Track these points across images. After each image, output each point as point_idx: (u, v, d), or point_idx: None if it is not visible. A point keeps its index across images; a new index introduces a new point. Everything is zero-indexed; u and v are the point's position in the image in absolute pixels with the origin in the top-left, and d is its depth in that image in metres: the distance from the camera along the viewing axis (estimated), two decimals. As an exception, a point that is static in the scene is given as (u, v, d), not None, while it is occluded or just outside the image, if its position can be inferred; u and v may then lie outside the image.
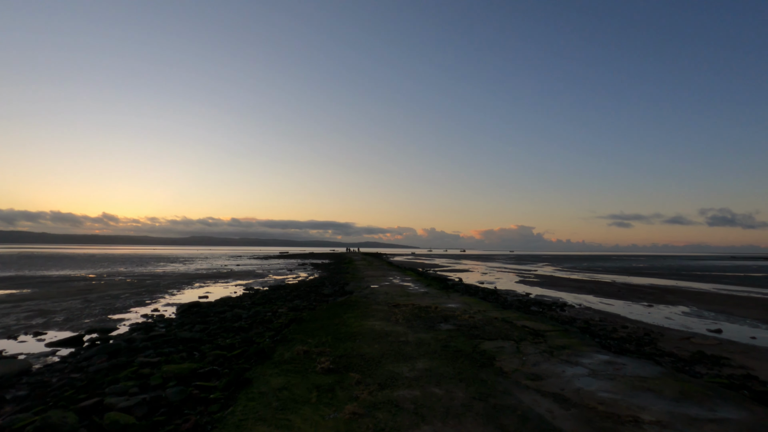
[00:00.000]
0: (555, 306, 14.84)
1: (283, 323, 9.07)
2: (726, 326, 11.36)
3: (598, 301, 16.85)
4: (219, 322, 9.99)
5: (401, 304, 11.64)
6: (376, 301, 12.64)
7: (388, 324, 8.61)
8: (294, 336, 7.55)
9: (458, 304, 12.08)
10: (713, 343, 8.99)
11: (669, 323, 11.79)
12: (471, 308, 11.21)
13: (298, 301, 14.06)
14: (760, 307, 15.45)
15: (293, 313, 10.71)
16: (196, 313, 11.86)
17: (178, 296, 17.25)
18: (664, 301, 16.95)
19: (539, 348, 6.67)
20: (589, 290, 21.44)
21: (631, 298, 18.16)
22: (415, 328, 8.14)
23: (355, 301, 12.48)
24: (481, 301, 13.34)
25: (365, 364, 5.62)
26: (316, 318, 9.57)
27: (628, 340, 8.87)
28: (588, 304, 15.82)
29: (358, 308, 11.05)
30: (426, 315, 9.79)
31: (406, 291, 15.89)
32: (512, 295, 18.39)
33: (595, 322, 11.50)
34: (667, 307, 15.22)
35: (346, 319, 9.32)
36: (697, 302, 16.73)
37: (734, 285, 26.56)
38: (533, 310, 13.74)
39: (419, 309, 10.76)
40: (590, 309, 14.55)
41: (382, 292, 15.53)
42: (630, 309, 14.74)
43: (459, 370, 5.41)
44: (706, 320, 12.39)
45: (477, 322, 8.84)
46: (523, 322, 9.12)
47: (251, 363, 5.85)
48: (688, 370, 6.56)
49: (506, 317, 9.67)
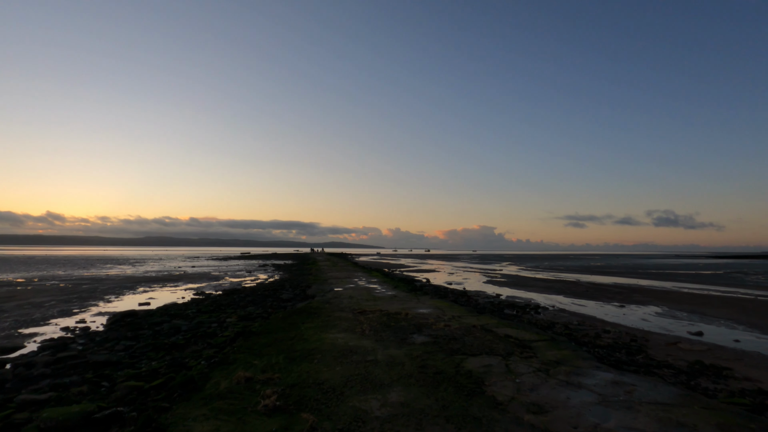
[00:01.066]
0: (529, 308, 14.13)
1: (229, 337, 7.64)
2: (704, 328, 10.95)
3: (570, 302, 16.35)
4: (151, 337, 8.39)
5: (368, 311, 10.43)
6: (339, 306, 11.37)
7: (353, 337, 7.38)
8: (238, 356, 6.18)
9: (430, 309, 11.03)
10: (702, 348, 8.39)
11: (648, 326, 11.26)
12: (444, 314, 10.18)
13: (252, 307, 12.54)
14: (725, 305, 15.44)
15: (243, 324, 9.25)
16: (128, 325, 10.12)
17: (115, 303, 15.21)
18: (634, 301, 16.71)
19: (531, 365, 5.66)
20: (557, 290, 21.10)
21: (600, 298, 17.85)
22: (385, 342, 6.96)
23: (317, 308, 11.16)
24: (453, 304, 12.37)
25: (323, 398, 4.37)
26: (269, 330, 8.19)
27: (617, 348, 8.11)
28: (561, 306, 15.25)
29: (319, 316, 9.74)
30: (396, 323, 8.64)
31: (373, 294, 14.71)
32: (483, 297, 17.63)
33: (575, 326, 10.78)
34: (639, 308, 14.89)
35: (304, 330, 8.00)
36: (665, 301, 16.60)
37: (691, 283, 27.27)
38: (508, 313, 12.93)
39: (388, 316, 9.60)
40: (565, 311, 13.94)
41: (347, 295, 14.26)
42: (604, 310, 14.27)
43: (443, 402, 4.27)
44: (682, 321, 12.00)
45: (455, 332, 7.78)
46: (504, 330, 8.16)
47: (174, 399, 4.47)
48: (696, 385, 5.76)
49: (485, 324, 8.69)
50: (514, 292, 20.12)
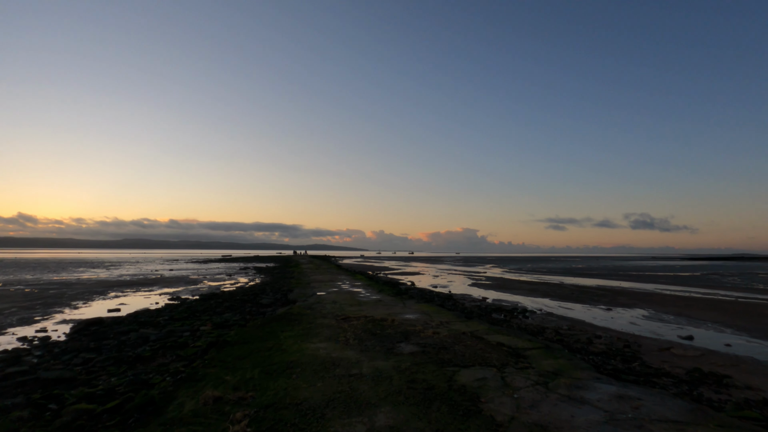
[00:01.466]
0: (516, 312, 13.83)
1: (200, 348, 7.03)
2: (693, 332, 10.82)
3: (557, 305, 16.15)
4: (116, 348, 7.71)
5: (351, 317, 9.92)
6: (322, 312, 10.82)
7: (335, 347, 6.87)
8: (208, 370, 5.60)
9: (417, 314, 10.59)
10: (695, 354, 8.16)
11: (638, 330, 11.07)
12: (432, 319, 9.76)
13: (230, 314, 11.88)
14: (710, 308, 15.46)
15: (217, 332, 8.62)
16: (92, 334, 9.37)
17: (82, 310, 14.30)
18: (620, 304, 16.62)
19: (529, 377, 5.26)
20: (543, 293, 20.96)
21: (586, 301, 17.73)
22: (371, 352, 6.47)
23: (298, 314, 10.59)
24: (440, 309, 11.96)
25: (302, 422, 3.86)
26: (245, 339, 7.61)
27: (611, 354, 7.81)
28: (548, 309, 15.02)
29: (300, 323, 9.18)
30: (382, 331, 8.16)
31: (357, 298, 14.20)
32: (470, 301, 17.30)
33: (565, 331, 10.49)
34: (626, 311, 14.77)
35: (283, 340, 7.45)
36: (651, 304, 16.56)
37: (672, 285, 27.59)
38: (496, 318, 12.60)
39: (373, 322, 9.11)
40: (553, 315, 13.69)
41: (330, 300, 13.72)
42: (591, 313, 14.08)
43: (437, 425, 3.80)
44: (670, 325, 11.87)
45: (444, 340, 7.35)
46: (495, 337, 7.77)
47: (129, 425, 3.90)
48: (699, 396, 5.46)
49: (475, 331, 8.30)
50: (500, 295, 19.87)
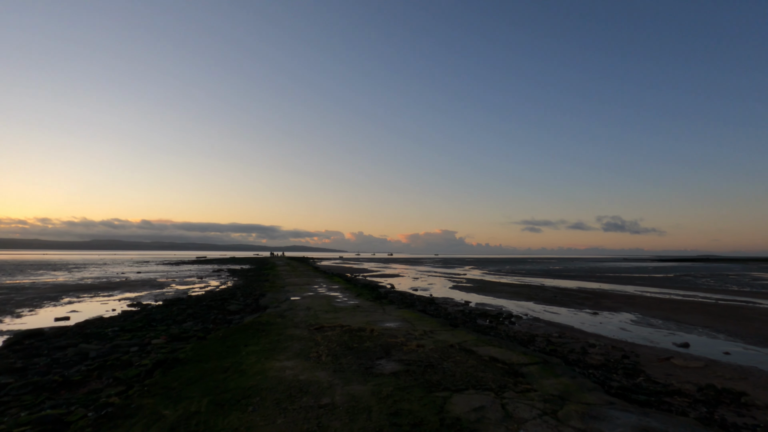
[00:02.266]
0: (502, 317, 13.14)
1: (145, 369, 5.94)
2: (687, 338, 10.34)
3: (542, 310, 15.59)
4: (45, 369, 6.52)
5: (326, 326, 8.96)
6: (294, 321, 9.82)
7: (305, 365, 5.91)
8: (145, 400, 4.57)
9: (398, 322, 9.72)
10: (698, 365, 7.57)
11: (630, 336, 10.51)
12: (415, 328, 8.90)
13: (191, 322, 10.72)
14: (694, 311, 15.19)
15: (171, 347, 7.51)
16: (24, 350, 8.09)
17: (26, 319, 12.82)
18: (605, 307, 16.20)
19: (533, 404, 4.45)
20: (526, 296, 20.45)
21: (571, 304, 17.26)
22: (346, 372, 5.54)
23: (267, 322, 9.55)
24: (422, 315, 11.14)
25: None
26: (201, 356, 6.56)
27: (612, 368, 7.12)
28: (534, 314, 14.41)
29: (267, 334, 8.16)
30: (360, 344, 7.23)
31: (333, 304, 13.22)
32: (452, 305, 16.56)
33: (556, 339, 9.82)
34: (613, 315, 14.31)
35: (244, 357, 6.43)
36: (635, 307, 16.20)
37: (650, 287, 27.68)
38: (481, 324, 11.86)
39: (350, 333, 8.17)
40: (539, 320, 13.07)
41: (304, 306, 12.70)
42: (578, 318, 13.54)
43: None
44: (661, 330, 11.38)
45: (430, 355, 6.48)
46: (486, 349, 6.97)
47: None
48: (722, 421, 4.76)
49: (463, 342, 7.48)
50: (483, 299, 19.23)
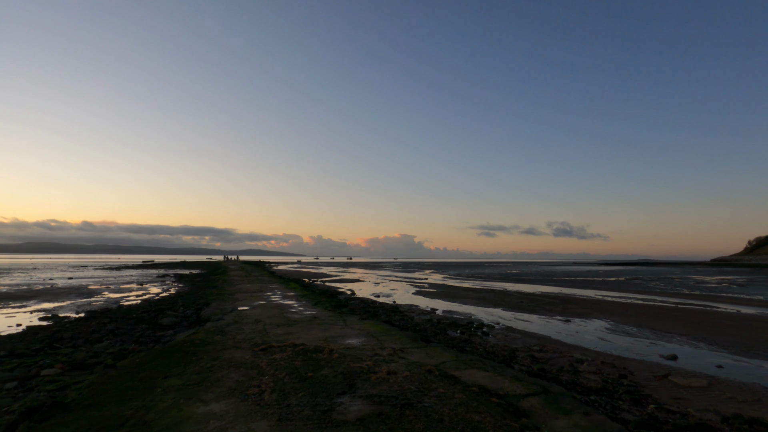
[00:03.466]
0: (473, 327, 12.06)
1: (5, 424, 4.17)
2: (670, 348, 9.68)
3: (513, 317, 14.72)
4: None
5: (275, 346, 7.38)
6: (236, 338, 8.15)
7: (240, 410, 4.35)
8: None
9: (362, 338, 8.31)
10: (701, 384, 6.73)
11: (613, 348, 9.71)
12: (382, 345, 7.53)
13: (108, 341, 8.74)
14: (661, 316, 14.88)
15: (63, 381, 5.66)
16: None
17: None
18: (574, 313, 15.60)
19: (557, 468, 3.20)
20: (492, 302, 19.66)
21: (539, 310, 16.57)
22: (296, 421, 4.04)
23: (203, 342, 7.82)
24: (388, 328, 9.79)
25: None
26: (97, 397, 4.83)
27: (613, 391, 6.09)
28: (505, 322, 13.48)
29: (199, 360, 6.48)
30: (316, 372, 5.75)
31: (287, 315, 11.60)
32: (418, 313, 15.35)
33: (539, 353, 8.79)
34: (585, 322, 13.66)
35: (158, 397, 4.78)
36: (604, 313, 15.73)
37: (608, 290, 27.92)
38: (453, 336, 10.71)
39: (304, 356, 6.65)
40: (513, 330, 12.11)
41: (253, 318, 11.00)
42: (552, 326, 12.73)
43: None
44: (641, 340, 10.71)
45: (406, 387, 5.11)
46: (471, 374, 5.71)
47: None
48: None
49: (441, 365, 6.20)
50: (449, 306, 18.20)
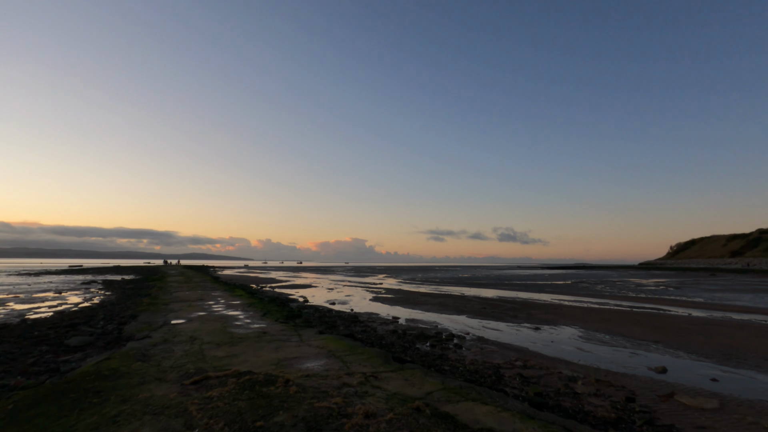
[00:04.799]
0: (444, 339, 10.95)
1: None
2: (654, 358, 9.10)
3: (480, 326, 13.82)
4: None
5: (212, 376, 5.75)
6: (161, 366, 6.40)
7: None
8: None
9: (323, 360, 6.87)
10: (713, 406, 5.98)
11: (596, 360, 8.95)
12: (350, 369, 6.15)
13: (-17, 375, 6.63)
14: (626, 321, 14.66)
15: None
16: None
17: None
18: (540, 320, 15.03)
19: None
20: (454, 308, 18.79)
21: (504, 317, 15.86)
22: None
23: (114, 373, 6.01)
24: (352, 344, 8.42)
25: None
26: None
27: (631, 423, 5.13)
28: (475, 332, 12.52)
29: (102, 403, 4.74)
30: (267, 420, 4.23)
31: (231, 330, 9.85)
32: (380, 322, 14.05)
33: (523, 369, 7.79)
34: (555, 329, 13.03)
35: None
36: (569, 319, 15.30)
37: (561, 294, 28.21)
38: (424, 350, 9.51)
39: (252, 391, 5.11)
40: (486, 341, 11.14)
41: (188, 334, 9.16)
42: (524, 336, 11.92)
43: None
44: (620, 349, 10.12)
45: (392, 439, 3.79)
46: (467, 408, 4.50)
47: None
48: None
49: (428, 396, 4.94)
50: (411, 313, 17.06)
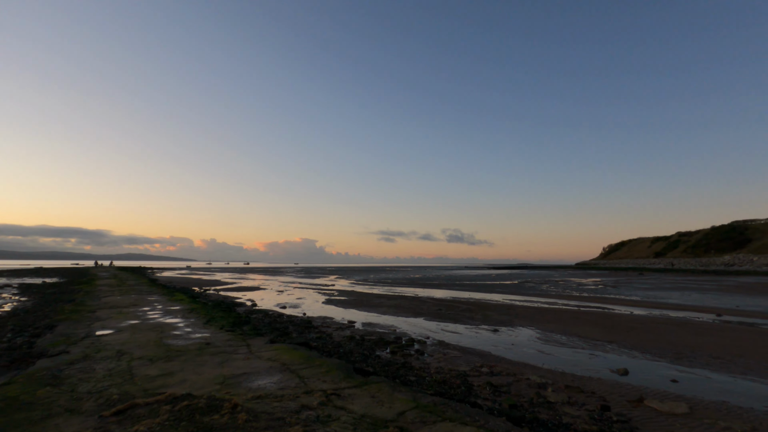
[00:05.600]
0: (404, 345, 10.42)
1: None
2: (611, 359, 9.14)
3: (439, 328, 13.49)
4: None
5: (141, 403, 4.78)
6: (76, 392, 5.29)
7: None
8: None
9: (276, 375, 6.06)
10: (683, 411, 5.88)
11: (558, 363, 8.82)
12: (308, 388, 5.40)
13: None
14: (578, 322, 14.99)
15: None
16: None
17: None
18: (497, 321, 15.00)
19: None
20: (410, 310, 18.42)
21: (461, 319, 15.68)
22: None
23: (10, 404, 4.84)
24: (308, 354, 7.65)
25: None
26: None
27: (611, 435, 4.84)
28: (435, 335, 12.14)
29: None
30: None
31: (167, 342, 8.69)
32: (335, 327, 13.28)
33: (490, 376, 7.42)
34: (512, 331, 12.97)
35: None
36: (524, 320, 15.41)
37: (511, 294, 28.87)
38: (384, 357, 8.92)
39: (190, 422, 4.20)
40: (447, 345, 10.77)
41: (114, 349, 7.91)
42: (485, 339, 11.71)
43: None
44: (578, 351, 10.13)
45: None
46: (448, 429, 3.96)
47: None
48: None
49: (403, 420, 4.33)
50: (367, 316, 16.44)
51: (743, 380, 7.58)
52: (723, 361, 8.95)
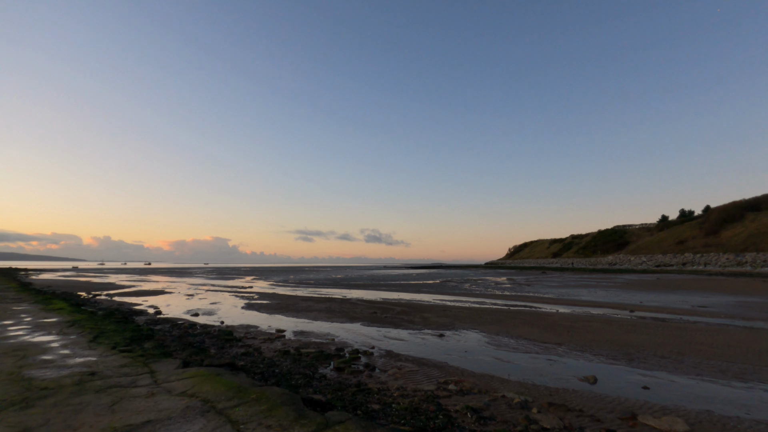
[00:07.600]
0: (346, 357, 8.96)
1: None
2: (572, 365, 8.64)
3: (381, 335, 12.25)
4: None
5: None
6: None
7: None
8: None
9: (197, 424, 4.28)
10: (685, 429, 5.30)
11: (523, 373, 8.06)
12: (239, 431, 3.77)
13: None
14: (519, 323, 14.79)
15: None
16: None
17: None
18: (438, 325, 14.19)
19: None
20: (343, 314, 16.95)
21: (401, 323, 14.62)
22: None
23: None
24: (236, 380, 5.90)
25: None
26: None
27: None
28: (379, 344, 10.86)
29: None
30: None
31: (29, 374, 6.24)
32: (263, 339, 11.32)
33: (462, 397, 6.33)
34: (458, 335, 12.20)
35: None
36: (465, 322, 14.82)
37: (439, 294, 28.76)
38: (331, 377, 7.41)
39: None
40: (398, 356, 9.53)
41: (-63, 392, 5.36)
42: (433, 346, 10.71)
43: None
44: (536, 356, 9.54)
45: None
46: None
47: None
48: None
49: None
50: (297, 323, 14.61)
51: (709, 383, 7.44)
52: (672, 362, 8.93)
